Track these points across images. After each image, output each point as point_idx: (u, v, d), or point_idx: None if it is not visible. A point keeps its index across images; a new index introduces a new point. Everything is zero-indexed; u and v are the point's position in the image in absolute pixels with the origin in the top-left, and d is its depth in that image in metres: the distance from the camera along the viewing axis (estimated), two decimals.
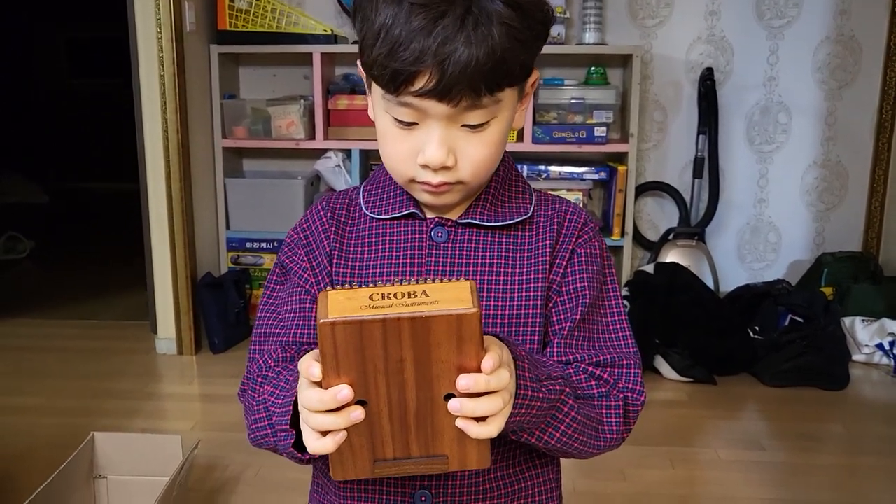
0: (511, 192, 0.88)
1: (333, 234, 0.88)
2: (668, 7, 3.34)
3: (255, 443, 0.83)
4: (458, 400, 0.65)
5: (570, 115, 3.16)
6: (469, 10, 0.72)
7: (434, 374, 0.65)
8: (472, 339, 0.63)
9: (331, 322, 0.62)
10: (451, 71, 0.71)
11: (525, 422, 0.74)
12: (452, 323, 0.62)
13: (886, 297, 3.10)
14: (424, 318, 0.62)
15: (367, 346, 0.63)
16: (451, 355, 0.64)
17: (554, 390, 0.76)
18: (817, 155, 3.44)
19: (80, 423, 2.38)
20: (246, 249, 3.31)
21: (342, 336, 0.63)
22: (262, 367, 0.85)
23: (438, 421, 0.67)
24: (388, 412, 0.66)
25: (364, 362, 0.64)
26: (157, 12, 2.82)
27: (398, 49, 0.72)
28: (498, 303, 0.84)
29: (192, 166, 3.03)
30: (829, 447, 2.40)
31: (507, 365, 0.68)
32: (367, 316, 0.62)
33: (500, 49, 0.72)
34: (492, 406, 0.65)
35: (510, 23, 0.73)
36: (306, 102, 3.21)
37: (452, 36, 0.71)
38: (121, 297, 3.79)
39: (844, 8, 3.30)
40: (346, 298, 0.64)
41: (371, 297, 0.63)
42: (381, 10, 0.74)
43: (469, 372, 0.64)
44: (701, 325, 2.87)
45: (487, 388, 0.64)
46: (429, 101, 0.74)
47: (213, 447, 2.28)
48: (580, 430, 0.80)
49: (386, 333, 0.63)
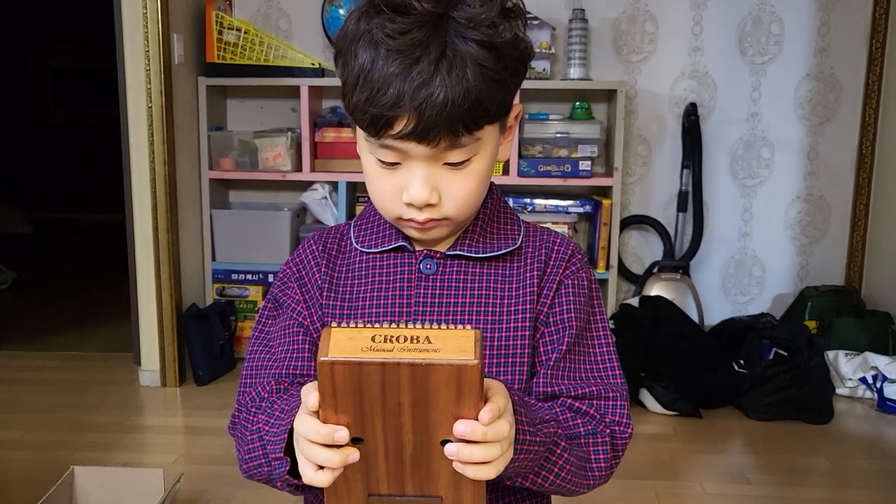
0: (499, 224, 0.90)
1: (325, 268, 0.89)
2: (653, 43, 3.39)
3: (248, 473, 0.83)
4: (456, 445, 0.65)
5: (555, 148, 3.19)
6: (443, 53, 0.73)
7: (432, 420, 0.65)
8: (471, 390, 0.63)
9: (330, 361, 0.62)
10: (429, 114, 0.73)
11: (522, 466, 0.74)
12: (452, 373, 0.62)
13: (869, 330, 3.12)
14: (424, 365, 0.62)
15: (366, 387, 0.63)
16: (450, 403, 0.64)
17: (548, 433, 0.76)
18: (800, 189, 3.49)
19: (59, 456, 2.34)
20: (231, 281, 3.29)
21: (341, 376, 0.62)
22: (254, 398, 0.85)
23: (435, 463, 0.67)
24: (384, 451, 0.66)
25: (362, 402, 0.64)
26: (146, 44, 2.83)
27: (376, 94, 0.74)
28: (487, 333, 0.85)
29: (179, 197, 3.03)
30: (814, 481, 2.40)
31: (507, 414, 0.67)
32: (366, 358, 0.62)
33: (475, 90, 0.74)
34: (488, 454, 0.65)
35: (484, 63, 0.74)
36: (293, 135, 3.23)
37: (428, 80, 0.73)
38: (104, 329, 3.76)
39: (824, 46, 3.37)
40: (349, 338, 0.63)
41: (373, 339, 0.63)
42: (359, 54, 0.76)
43: (467, 419, 0.64)
44: (686, 359, 2.87)
45: (484, 438, 0.64)
46: (409, 143, 0.76)
47: (197, 481, 2.24)
48: (572, 472, 0.80)
49: (385, 377, 0.62)
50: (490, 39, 0.75)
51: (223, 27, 3.16)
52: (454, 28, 0.74)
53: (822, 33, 3.36)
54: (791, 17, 3.36)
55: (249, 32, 3.21)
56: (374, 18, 0.76)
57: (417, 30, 0.74)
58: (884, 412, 2.85)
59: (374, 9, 0.76)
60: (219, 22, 3.14)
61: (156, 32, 2.83)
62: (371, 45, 0.75)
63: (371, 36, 0.75)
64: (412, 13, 0.74)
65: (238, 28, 3.19)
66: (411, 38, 0.73)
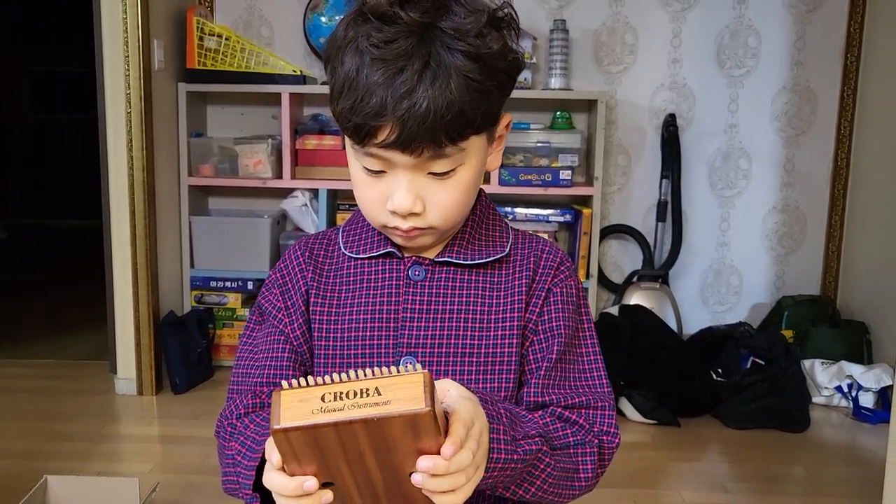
0: (488, 231, 0.90)
1: (311, 274, 0.89)
2: (633, 54, 3.42)
3: (227, 492, 0.84)
4: (421, 476, 0.65)
5: (535, 158, 3.20)
6: (427, 64, 0.73)
7: (396, 462, 0.65)
8: (427, 433, 0.63)
9: (283, 429, 0.62)
10: (411, 124, 0.73)
11: (499, 481, 0.75)
12: (406, 422, 0.62)
13: (844, 340, 3.16)
14: (377, 420, 0.62)
15: (324, 445, 0.64)
16: (410, 445, 0.64)
17: (530, 450, 0.76)
18: (776, 200, 3.53)
19: (32, 466, 2.31)
20: (210, 288, 3.27)
21: (297, 440, 0.63)
22: (233, 412, 0.86)
23: (408, 492, 0.68)
24: (356, 491, 0.67)
25: (324, 456, 0.65)
26: (126, 49, 2.81)
27: (360, 103, 0.74)
28: (474, 341, 0.85)
29: (158, 203, 3.00)
30: (790, 489, 2.41)
31: (470, 441, 0.67)
32: (319, 420, 0.62)
33: (458, 101, 0.74)
34: (454, 483, 0.66)
35: (469, 75, 0.74)
36: (274, 142, 3.21)
37: (411, 90, 0.73)
38: (80, 336, 3.71)
39: (800, 59, 3.41)
40: (299, 400, 0.63)
41: (323, 399, 0.63)
42: (345, 62, 0.76)
43: (430, 454, 0.64)
44: (664, 367, 2.89)
45: (447, 471, 0.65)
46: (392, 152, 0.76)
47: (173, 490, 2.22)
48: (556, 484, 0.80)
49: (340, 436, 0.63)
50: (476, 50, 0.75)
51: (204, 33, 3.15)
52: (440, 38, 0.74)
53: (798, 47, 3.41)
54: (768, 31, 3.40)
55: (231, 39, 3.20)
56: (361, 27, 0.76)
57: (403, 39, 0.74)
58: (859, 421, 2.88)
59: (361, 17, 0.76)
60: (200, 28, 3.13)
61: (136, 37, 2.81)
62: (357, 53, 0.75)
63: (357, 44, 0.75)
64: (398, 22, 0.74)
65: (219, 34, 3.18)
66: (396, 47, 0.73)
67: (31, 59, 7.06)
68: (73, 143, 6.67)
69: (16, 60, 7.05)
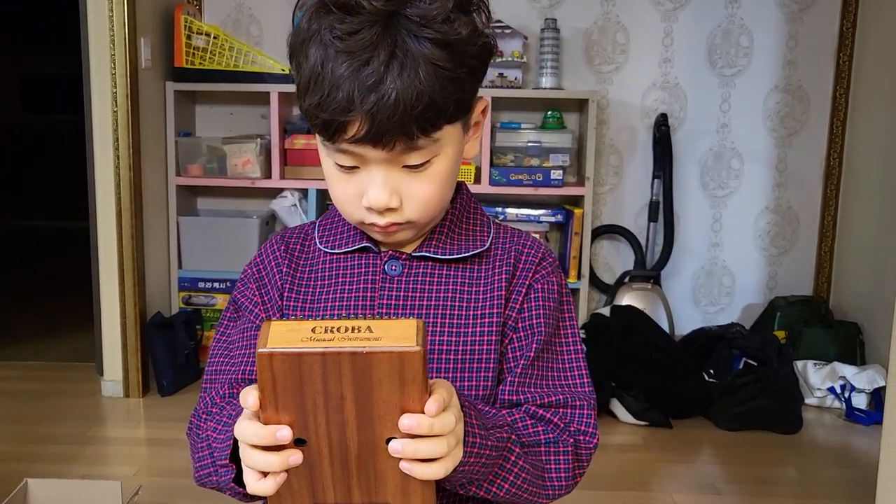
0: (468, 225, 0.87)
1: (286, 269, 0.87)
2: (624, 54, 3.40)
3: (200, 482, 0.81)
4: (400, 441, 0.63)
5: (526, 157, 3.18)
6: (394, 54, 0.71)
7: (376, 415, 0.63)
8: (414, 379, 0.61)
9: (269, 353, 0.61)
10: (380, 117, 0.71)
11: (474, 472, 0.72)
12: (394, 360, 0.61)
13: (837, 340, 3.14)
14: (365, 353, 0.60)
15: (307, 380, 0.61)
16: (394, 395, 0.62)
17: (501, 437, 0.74)
18: (769, 200, 3.51)
19: (13, 469, 2.27)
20: (198, 289, 3.24)
21: (280, 368, 0.61)
22: (207, 404, 0.83)
23: (381, 466, 0.65)
24: (328, 453, 0.65)
25: (303, 397, 0.62)
26: (112, 47, 2.78)
27: (326, 98, 0.72)
28: (452, 337, 0.83)
29: (145, 204, 2.97)
30: (782, 490, 2.40)
31: (453, 408, 0.66)
32: (306, 348, 0.61)
33: (428, 91, 0.71)
34: (436, 449, 0.63)
35: (438, 63, 0.72)
36: (263, 141, 3.19)
37: (378, 82, 0.70)
38: (66, 338, 3.67)
39: (792, 59, 3.40)
40: (288, 330, 0.62)
41: (314, 330, 0.62)
42: (309, 55, 0.73)
43: (412, 413, 0.62)
44: (656, 369, 2.87)
45: (431, 431, 0.62)
46: (364, 147, 0.74)
47: (158, 494, 2.19)
48: (528, 480, 0.78)
49: (325, 367, 0.61)
50: (444, 37, 0.72)
51: (192, 32, 3.12)
52: (406, 26, 0.72)
53: (790, 46, 3.40)
54: (760, 31, 3.39)
55: (219, 37, 3.17)
56: (324, 18, 0.73)
57: (367, 29, 0.71)
58: (852, 422, 2.86)
59: (323, 8, 0.73)
60: (188, 26, 3.10)
61: (122, 35, 2.78)
62: (321, 46, 0.73)
63: (321, 37, 0.73)
64: (361, 12, 0.71)
65: (207, 33, 3.15)
66: (360, 38, 0.71)
67: (21, 60, 7.02)
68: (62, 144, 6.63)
69: (5, 61, 7.02)
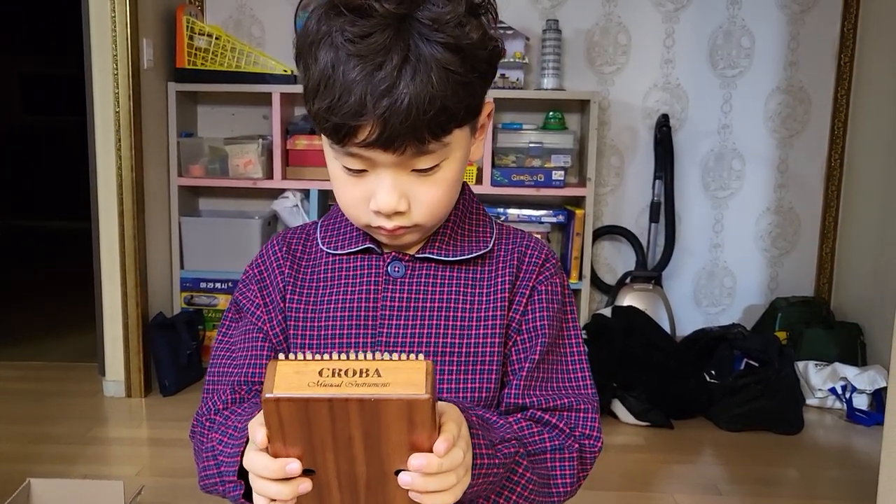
0: (470, 226, 0.87)
1: (288, 270, 0.87)
2: (625, 55, 3.41)
3: (206, 490, 0.81)
4: (410, 475, 0.63)
5: (528, 158, 3.19)
6: (406, 58, 0.70)
7: (385, 452, 0.63)
8: (423, 423, 0.61)
9: (275, 398, 0.60)
10: (393, 122, 0.70)
11: (482, 489, 0.72)
12: (403, 408, 0.60)
13: (838, 341, 3.14)
14: (373, 401, 0.60)
15: (314, 422, 0.61)
16: (403, 436, 0.62)
17: (508, 453, 0.74)
18: (770, 201, 3.51)
19: (16, 469, 2.27)
20: (200, 290, 3.24)
21: (287, 412, 0.60)
22: (210, 409, 0.83)
23: (390, 492, 0.65)
24: (337, 483, 0.65)
25: (311, 436, 0.62)
26: (114, 48, 2.79)
27: (337, 102, 0.71)
28: (455, 339, 0.82)
29: (147, 204, 2.98)
30: (784, 491, 2.40)
31: (462, 440, 0.66)
32: (313, 394, 0.60)
33: (440, 96, 0.71)
34: (444, 483, 0.63)
35: (450, 67, 0.71)
36: (265, 142, 3.19)
37: (391, 86, 0.70)
38: (68, 338, 3.67)
39: (794, 60, 3.40)
40: (295, 372, 0.61)
41: (321, 373, 0.61)
42: (319, 58, 0.73)
43: (421, 450, 0.62)
44: (658, 369, 2.87)
45: (440, 469, 0.62)
46: (374, 151, 0.73)
47: (160, 494, 2.19)
48: (535, 490, 0.78)
49: (333, 413, 0.60)
50: (456, 41, 0.72)
51: (194, 32, 3.12)
52: (418, 30, 0.71)
53: (791, 47, 3.40)
54: (761, 32, 3.39)
55: (221, 38, 3.17)
56: (335, 20, 0.72)
57: (379, 33, 0.71)
58: (853, 423, 2.86)
59: (333, 10, 0.73)
60: (190, 27, 3.10)
61: (124, 36, 2.78)
62: (331, 48, 0.72)
63: (331, 39, 0.72)
64: (373, 15, 0.71)
65: (209, 34, 3.16)
66: (373, 41, 0.71)
67: (22, 61, 7.03)
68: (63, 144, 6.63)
69: (5, 62, 7.02)
